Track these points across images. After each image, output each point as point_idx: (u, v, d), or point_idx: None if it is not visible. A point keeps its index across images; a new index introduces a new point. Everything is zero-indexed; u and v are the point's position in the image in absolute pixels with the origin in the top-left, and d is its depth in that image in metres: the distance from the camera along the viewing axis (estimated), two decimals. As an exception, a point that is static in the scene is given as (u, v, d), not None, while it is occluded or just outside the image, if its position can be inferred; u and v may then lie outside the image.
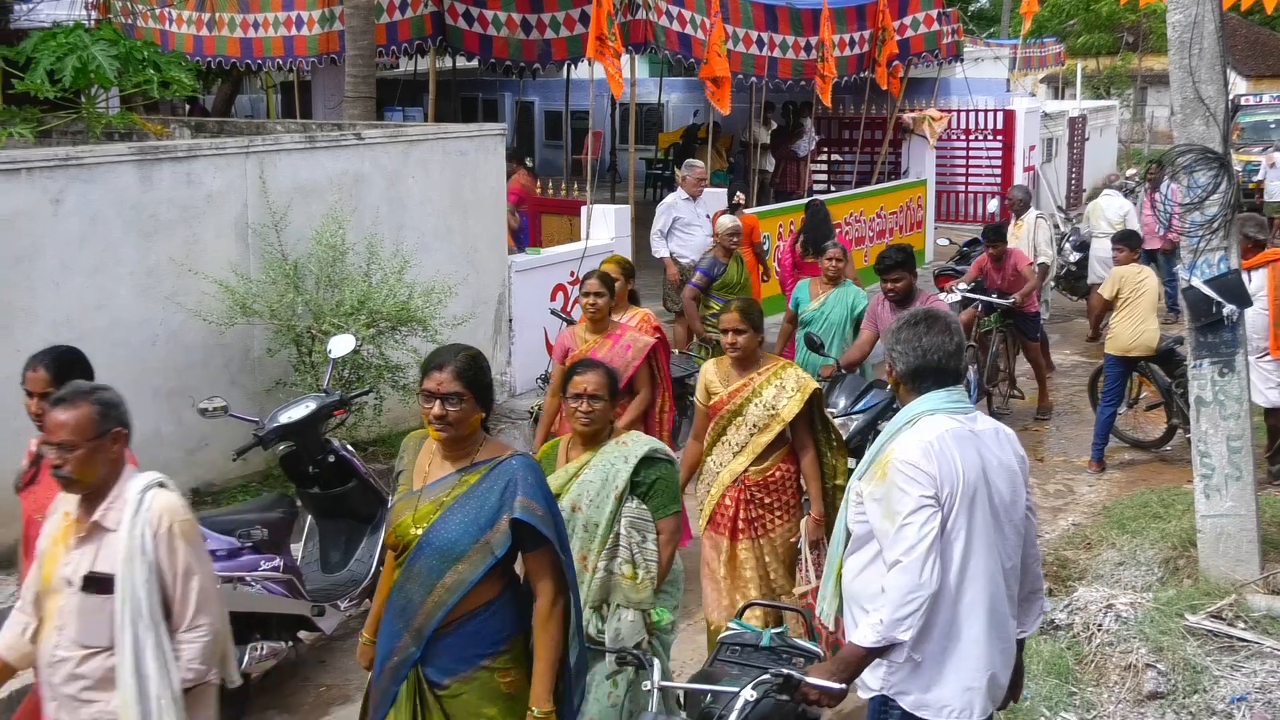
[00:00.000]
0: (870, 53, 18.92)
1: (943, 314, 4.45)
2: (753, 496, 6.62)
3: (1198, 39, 7.16)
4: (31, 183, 7.91)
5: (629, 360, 7.46)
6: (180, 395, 8.68)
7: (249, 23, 16.35)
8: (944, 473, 4.13)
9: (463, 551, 4.25)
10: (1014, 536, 4.32)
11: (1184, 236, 7.37)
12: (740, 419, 6.59)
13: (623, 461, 5.23)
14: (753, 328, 6.54)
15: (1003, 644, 4.30)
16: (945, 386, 4.31)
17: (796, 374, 6.59)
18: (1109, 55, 45.74)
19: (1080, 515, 9.85)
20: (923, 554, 4.05)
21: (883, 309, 9.11)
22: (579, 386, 5.26)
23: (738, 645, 5.08)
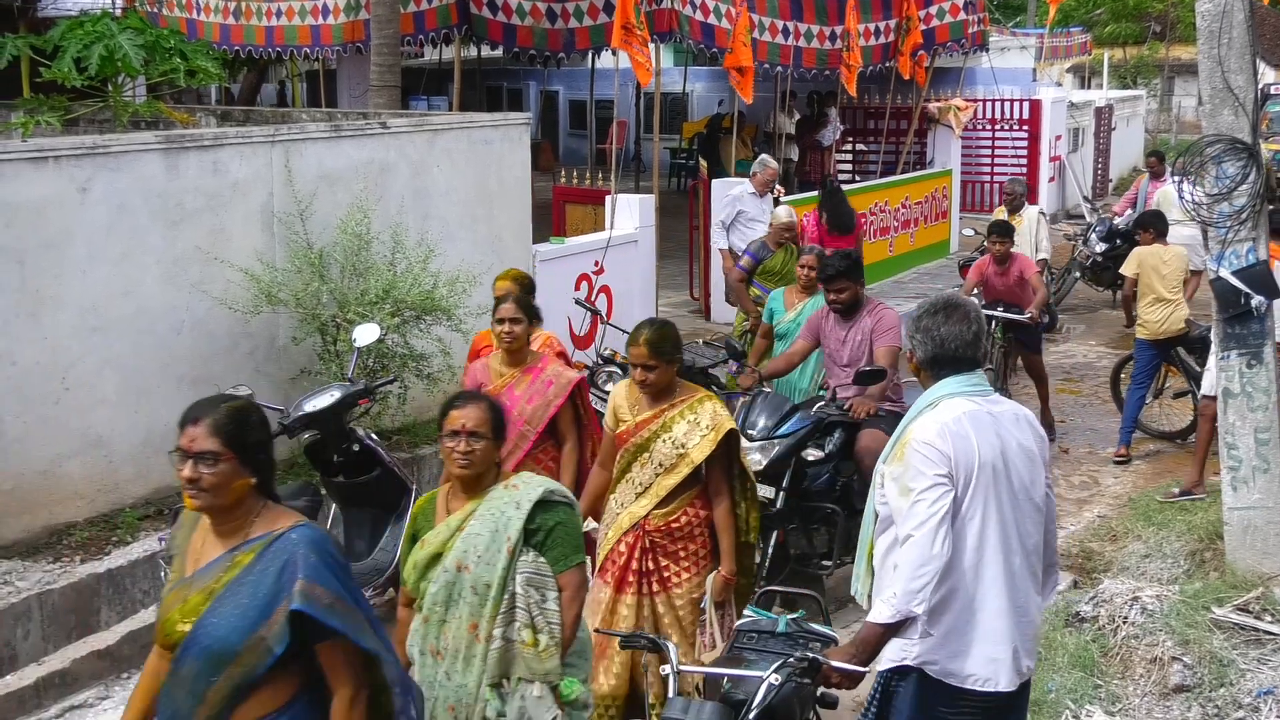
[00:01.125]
0: (895, 42, 18.87)
1: (963, 302, 4.60)
2: (653, 544, 5.90)
3: (1227, 28, 7.11)
4: (59, 171, 7.95)
5: (550, 399, 6.67)
6: (206, 383, 8.70)
7: (274, 11, 16.39)
8: (959, 452, 4.27)
9: (234, 651, 3.59)
10: (1034, 515, 4.45)
11: (1212, 227, 7.32)
12: (646, 456, 5.88)
13: (514, 508, 4.53)
14: (665, 361, 5.79)
15: (1024, 619, 4.42)
16: (964, 372, 4.45)
17: (714, 409, 5.85)
18: (1136, 45, 45.48)
19: (1105, 507, 9.82)
20: (933, 528, 4.17)
21: (825, 321, 8.44)
22: (455, 422, 4.55)
23: (754, 632, 5.08)
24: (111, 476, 8.29)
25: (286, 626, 3.57)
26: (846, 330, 8.31)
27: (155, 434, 8.45)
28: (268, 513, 3.76)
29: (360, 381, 7.85)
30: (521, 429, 6.57)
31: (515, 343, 6.74)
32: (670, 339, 5.89)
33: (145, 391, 8.43)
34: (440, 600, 4.52)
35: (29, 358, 7.82)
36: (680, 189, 23.86)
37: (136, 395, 8.38)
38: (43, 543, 7.83)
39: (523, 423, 6.59)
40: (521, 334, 6.73)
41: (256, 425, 3.80)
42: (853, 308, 8.26)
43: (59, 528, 7.98)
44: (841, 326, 8.33)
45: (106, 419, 8.25)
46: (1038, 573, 4.52)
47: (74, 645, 7.16)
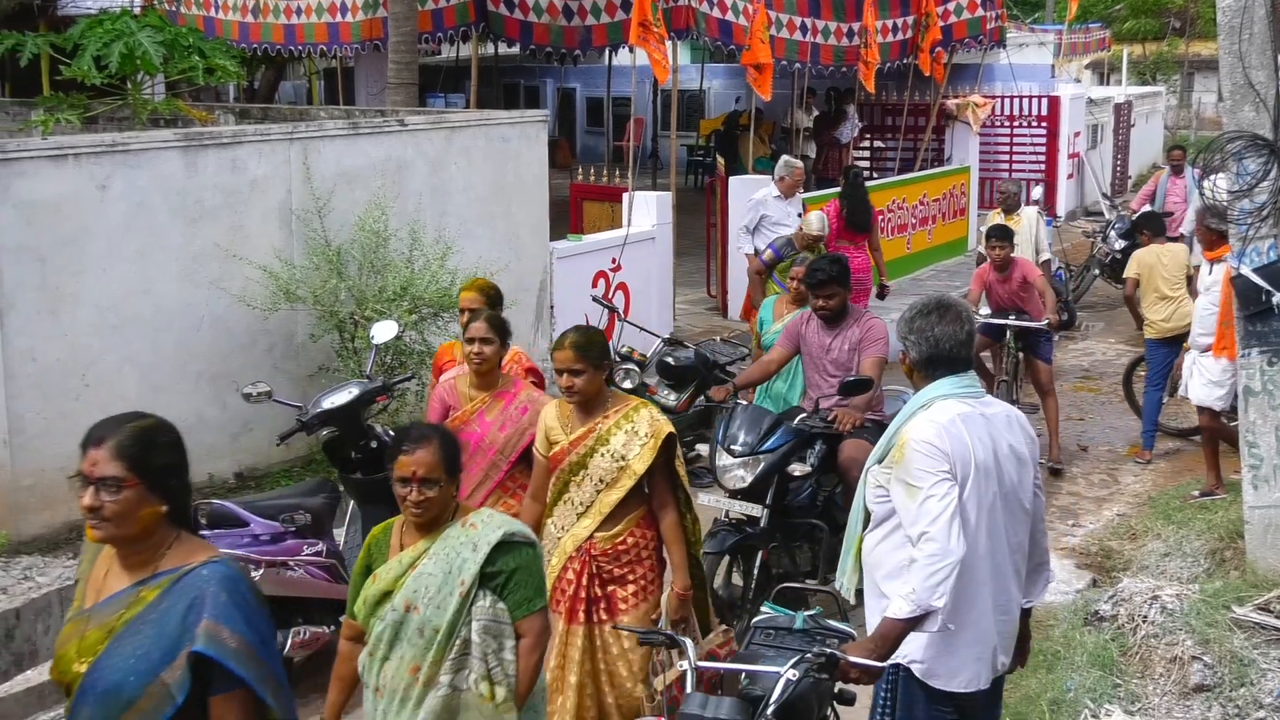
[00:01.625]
0: (914, 39, 18.82)
1: (955, 302, 4.67)
2: (600, 569, 5.59)
3: (1248, 24, 7.07)
4: (78, 168, 7.97)
5: (524, 427, 6.17)
6: (224, 380, 8.73)
7: (293, 9, 16.41)
8: (956, 451, 4.34)
9: (132, 697, 3.20)
10: (1021, 516, 4.55)
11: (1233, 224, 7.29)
12: (583, 474, 5.55)
13: (470, 550, 4.22)
14: (592, 366, 5.46)
15: (1004, 617, 4.54)
16: (957, 373, 4.53)
17: (650, 415, 5.55)
18: (1155, 40, 45.29)
19: (1125, 506, 9.78)
20: (946, 523, 4.23)
21: (807, 328, 7.98)
22: (406, 469, 4.20)
23: (771, 629, 5.05)
24: (131, 473, 8.31)
25: (189, 671, 3.19)
26: (832, 338, 7.87)
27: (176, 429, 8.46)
28: (181, 545, 3.37)
29: (378, 378, 7.85)
30: (493, 458, 6.19)
31: (485, 365, 6.21)
32: (598, 345, 5.56)
33: (164, 388, 8.46)
34: (386, 639, 4.24)
35: (49, 355, 7.86)
36: (698, 186, 23.85)
37: (155, 392, 8.40)
38: (63, 538, 7.87)
39: (494, 452, 6.19)
40: (492, 356, 6.21)
41: (166, 447, 3.43)
42: (840, 315, 7.86)
43: (79, 523, 8.00)
44: (826, 334, 7.90)
45: (126, 416, 8.27)
46: (1021, 572, 4.61)
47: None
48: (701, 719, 4.37)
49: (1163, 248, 10.96)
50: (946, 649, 4.43)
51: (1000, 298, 10.82)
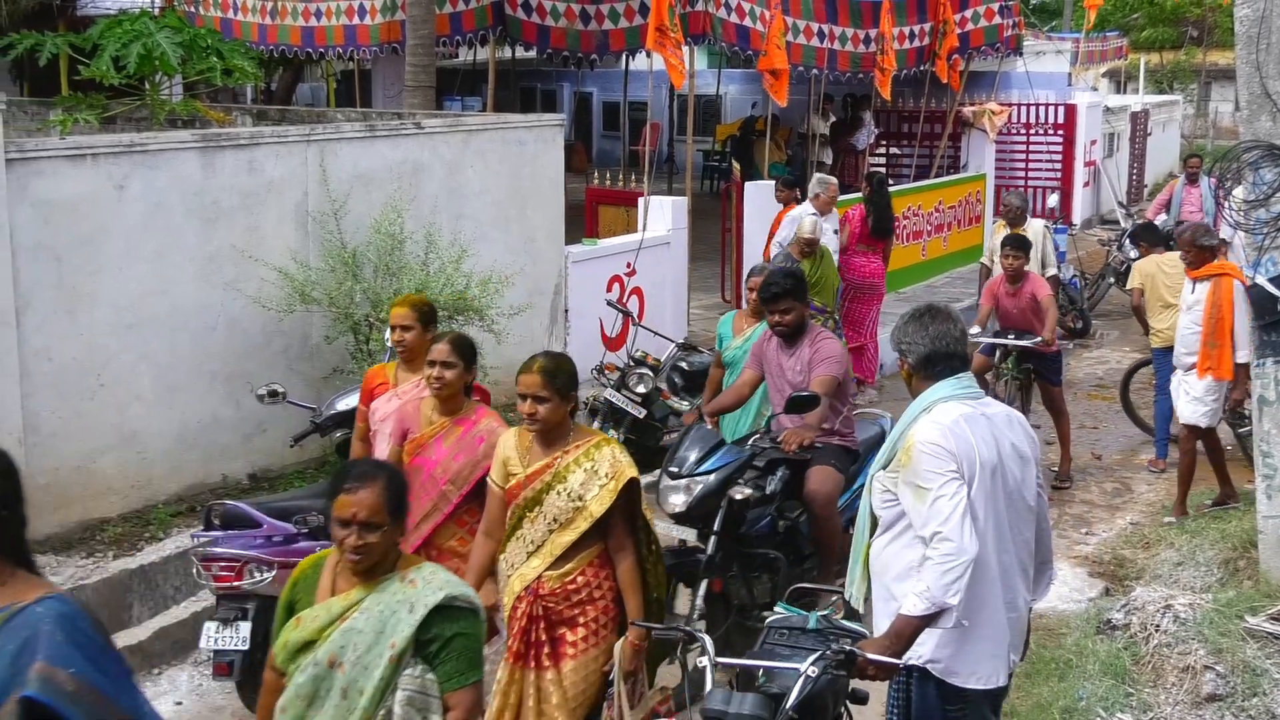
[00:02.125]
0: (930, 46, 18.81)
1: (942, 305, 4.85)
2: (547, 610, 5.24)
3: (1266, 34, 7.06)
4: (96, 168, 8.01)
5: (479, 457, 5.77)
6: (239, 381, 8.76)
7: (311, 11, 16.45)
8: (962, 451, 4.42)
9: None
10: (1026, 514, 4.65)
11: (1248, 233, 7.27)
12: (538, 510, 5.23)
13: (406, 610, 3.81)
14: (558, 394, 5.16)
15: (1014, 614, 4.63)
16: (955, 373, 4.63)
17: (613, 455, 5.21)
18: (1173, 49, 45.17)
19: (1138, 514, 9.76)
20: (958, 521, 4.31)
21: (768, 346, 7.58)
22: (346, 509, 3.80)
23: (785, 629, 5.00)
24: (145, 473, 8.35)
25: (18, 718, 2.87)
26: (790, 357, 7.44)
27: (189, 431, 8.51)
28: (14, 582, 3.08)
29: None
30: (443, 489, 5.81)
31: (446, 390, 5.79)
32: (566, 373, 5.23)
33: (179, 388, 8.49)
34: (304, 694, 3.84)
35: (65, 354, 7.89)
36: (713, 191, 23.85)
37: (171, 392, 8.44)
38: (76, 538, 7.90)
39: (445, 482, 5.81)
40: (454, 380, 5.79)
41: None
42: (797, 332, 7.41)
43: (93, 523, 8.05)
44: (785, 353, 7.47)
45: (141, 415, 8.31)
46: (1028, 569, 4.72)
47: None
48: (725, 714, 4.40)
49: (1162, 257, 10.98)
50: (963, 647, 4.51)
51: (1010, 315, 10.44)
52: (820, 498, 7.08)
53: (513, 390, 5.42)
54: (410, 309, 6.45)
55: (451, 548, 5.82)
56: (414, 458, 5.86)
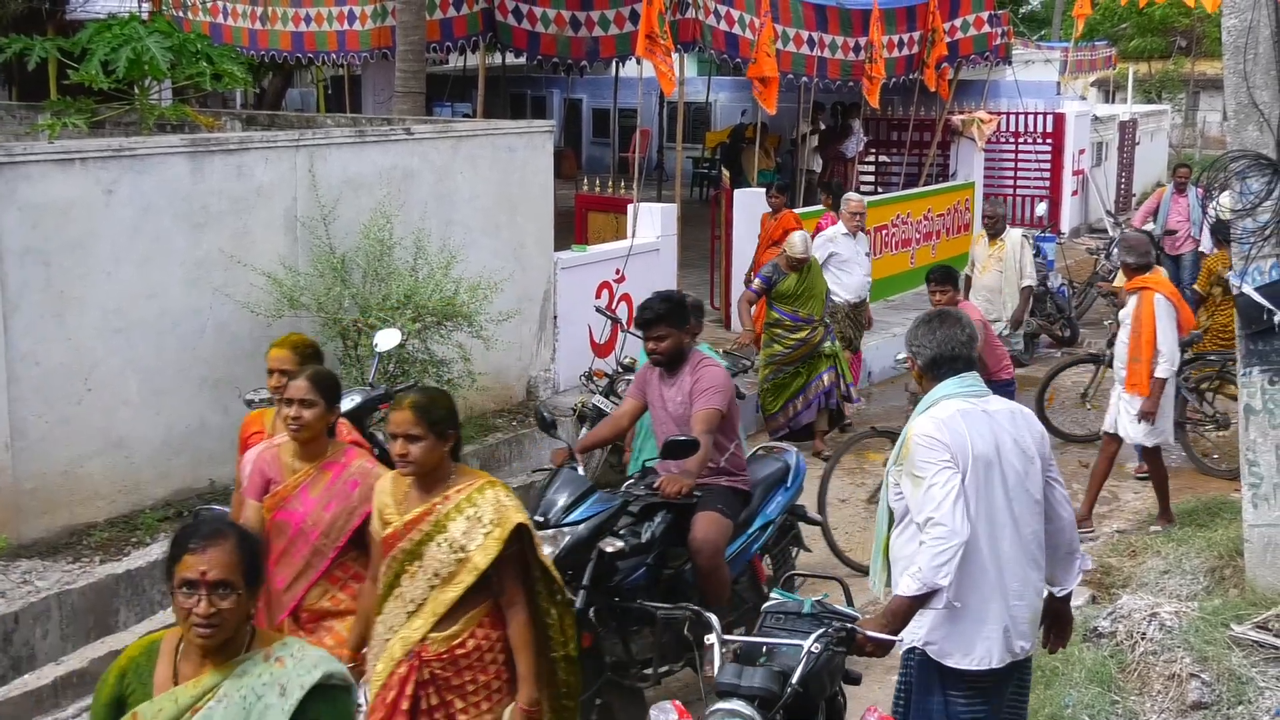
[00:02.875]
0: (919, 54, 18.86)
1: (952, 311, 5.16)
2: (434, 677, 4.69)
3: (1253, 44, 7.10)
4: (85, 172, 8.00)
5: (354, 504, 5.21)
6: (227, 386, 8.74)
7: (301, 17, 16.47)
8: (955, 444, 4.68)
9: None
10: (1030, 505, 4.83)
11: (1235, 243, 7.30)
12: (417, 564, 4.66)
13: (276, 694, 3.28)
14: (434, 433, 4.64)
15: (1018, 601, 4.79)
16: (959, 373, 4.90)
17: (497, 498, 4.66)
18: (1161, 59, 45.37)
19: (1125, 522, 9.79)
20: (950, 507, 4.57)
21: (651, 375, 6.95)
22: (191, 569, 3.25)
23: (782, 613, 5.15)
24: (132, 477, 8.33)
25: None
26: (670, 387, 6.83)
27: (176, 436, 8.50)
28: None
29: (381, 386, 7.87)
30: (315, 543, 5.22)
31: (305, 432, 5.20)
32: (443, 409, 4.74)
33: (167, 393, 8.48)
34: None
35: (53, 358, 7.87)
36: (703, 198, 23.86)
37: (158, 397, 8.42)
38: (63, 543, 7.88)
39: (317, 535, 5.22)
40: (314, 421, 5.19)
41: None
42: (676, 360, 6.79)
43: (79, 528, 8.03)
44: (666, 383, 6.86)
45: (128, 420, 8.30)
46: (1038, 559, 4.88)
47: (92, 645, 7.19)
48: (738, 687, 4.63)
49: None
50: (955, 629, 4.73)
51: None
52: (705, 548, 6.43)
53: (500, 397, 5.39)
54: (290, 350, 5.95)
55: (324, 609, 5.27)
56: (277, 512, 5.26)
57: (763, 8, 14.97)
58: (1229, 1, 7.21)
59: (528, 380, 11.27)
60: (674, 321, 6.73)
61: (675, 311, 6.77)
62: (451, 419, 4.77)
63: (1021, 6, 50.09)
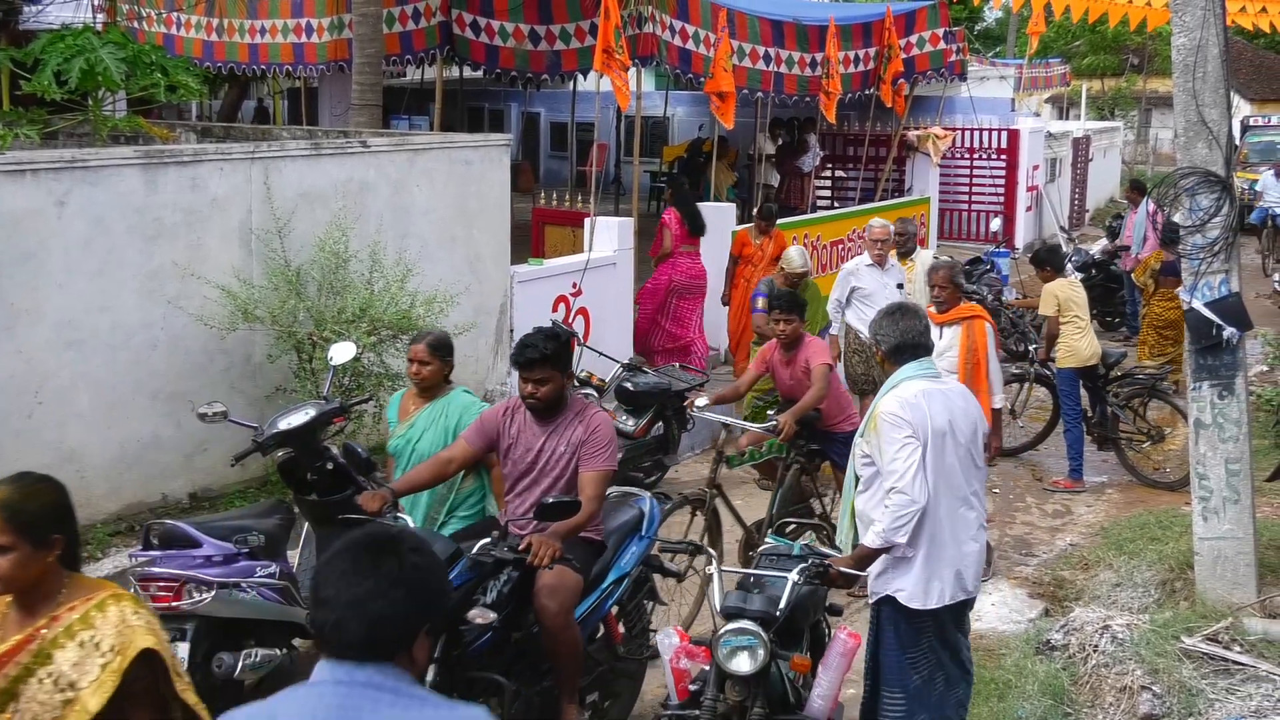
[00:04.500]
0: (875, 70, 18.97)
1: (911, 305, 6.21)
2: None
3: (1202, 62, 7.18)
4: (37, 184, 7.93)
5: None
6: (180, 399, 8.68)
7: (257, 29, 16.40)
8: (916, 419, 5.48)
9: None
10: (974, 470, 5.69)
11: (1185, 258, 7.38)
12: (15, 707, 3.57)
13: None
14: (27, 540, 3.57)
15: (965, 549, 5.63)
16: (919, 358, 5.72)
17: (122, 617, 3.58)
18: (1114, 77, 45.84)
19: (1078, 536, 9.86)
20: (911, 477, 5.40)
21: (509, 421, 6.18)
22: None
23: (775, 555, 6.05)
24: (84, 492, 8.24)
25: None
26: (545, 437, 6.09)
27: (128, 450, 8.43)
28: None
29: (335, 400, 7.81)
30: None
31: None
32: (40, 503, 3.70)
33: (119, 407, 8.41)
34: None
35: (2, 371, 7.80)
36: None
37: (110, 410, 8.35)
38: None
39: None
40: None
41: None
42: (554, 405, 6.07)
43: (29, 542, 7.93)
44: (540, 432, 6.11)
45: (80, 434, 8.22)
46: (980, 512, 5.74)
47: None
48: (742, 609, 5.40)
49: (1068, 281, 11.36)
50: (918, 578, 5.55)
51: (785, 385, 8.86)
52: (551, 610, 5.78)
53: None
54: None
55: None
56: None
57: (720, 23, 15.03)
58: (1178, 21, 7.30)
59: (484, 394, 11.24)
60: (558, 363, 6.02)
61: (561, 353, 6.05)
62: (55, 517, 3.68)
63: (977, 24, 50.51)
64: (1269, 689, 6.32)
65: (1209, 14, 7.17)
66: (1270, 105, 41.93)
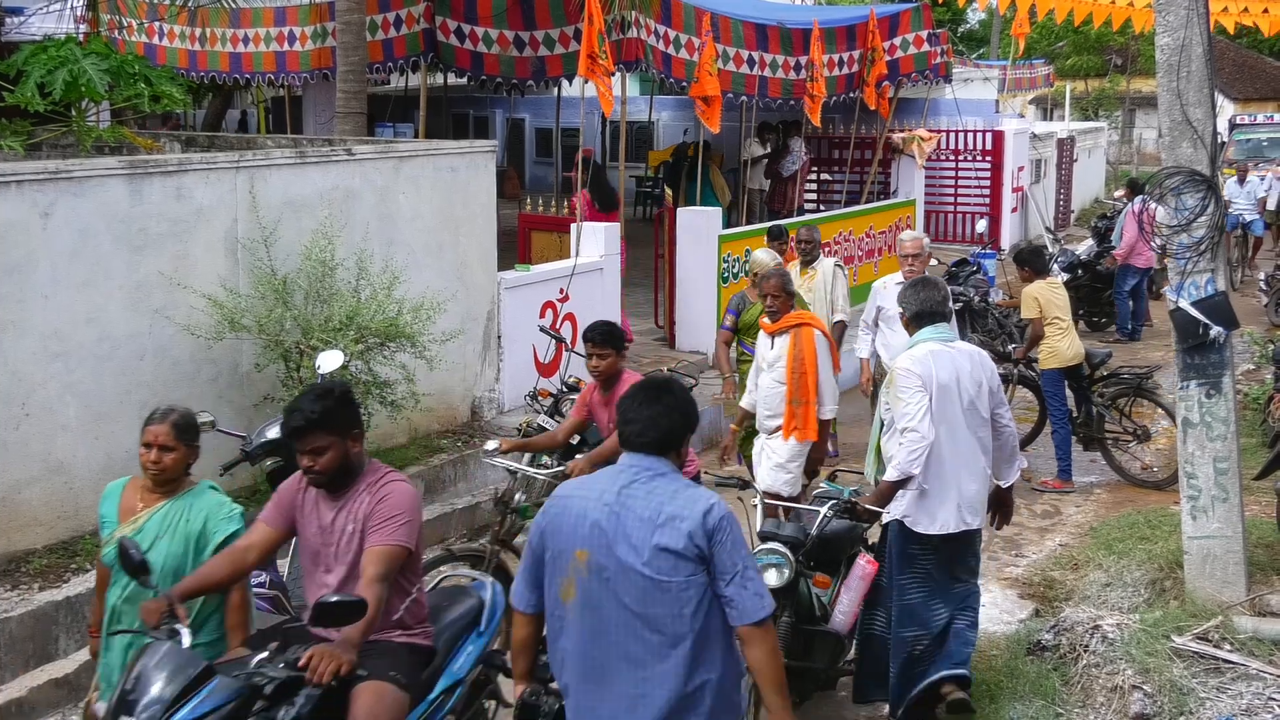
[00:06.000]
0: (860, 73, 19.01)
1: (933, 278, 7.06)
2: None
3: (1186, 62, 7.20)
4: (21, 196, 7.91)
5: None
6: (168, 410, 8.65)
7: (240, 38, 16.37)
8: (924, 373, 6.38)
9: None
10: (979, 422, 6.50)
11: (1171, 258, 7.39)
12: None
13: None
14: None
15: (967, 487, 6.47)
16: (935, 324, 6.62)
17: None
18: (1098, 77, 46.00)
19: (1067, 536, 9.87)
20: (918, 418, 6.29)
21: (305, 496, 5.17)
22: None
23: (824, 496, 7.02)
24: (72, 503, 8.22)
25: None
26: (334, 511, 5.08)
27: (116, 460, 8.39)
28: None
29: (323, 409, 7.81)
30: None
31: None
32: None
33: (107, 418, 8.38)
34: None
35: (-11, 383, 7.77)
36: (646, 217, 23.91)
37: (98, 421, 8.33)
38: (1, 570, 7.76)
39: None
40: None
41: None
42: (343, 477, 5.07)
43: (18, 555, 7.91)
44: (330, 508, 5.10)
45: (67, 445, 8.19)
46: (982, 459, 6.53)
47: (32, 674, 7.10)
48: (776, 534, 6.48)
49: (1047, 282, 11.32)
50: (924, 506, 6.42)
51: (605, 428, 7.76)
52: None
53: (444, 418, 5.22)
54: None
55: None
56: None
57: (704, 27, 15.05)
58: (1162, 20, 7.31)
59: (472, 400, 11.24)
60: (335, 424, 4.97)
61: (337, 411, 5.00)
62: None
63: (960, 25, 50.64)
64: (1259, 687, 6.33)
65: (1192, 13, 7.18)
66: (1254, 104, 42.11)
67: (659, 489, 4.30)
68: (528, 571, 4.53)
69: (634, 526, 4.25)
